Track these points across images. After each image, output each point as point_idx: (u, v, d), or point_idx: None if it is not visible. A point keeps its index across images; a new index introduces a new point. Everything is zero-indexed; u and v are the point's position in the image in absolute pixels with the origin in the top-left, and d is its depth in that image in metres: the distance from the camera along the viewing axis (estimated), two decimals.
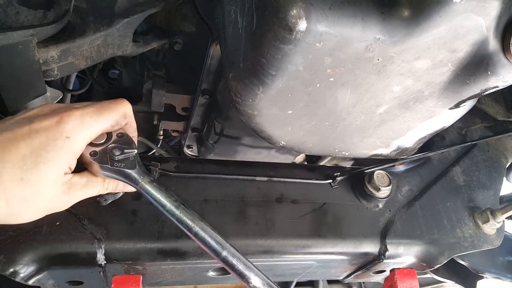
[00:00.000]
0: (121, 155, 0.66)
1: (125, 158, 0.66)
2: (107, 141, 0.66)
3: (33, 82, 0.76)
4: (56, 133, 0.56)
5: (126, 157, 0.67)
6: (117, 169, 0.66)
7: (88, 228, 0.80)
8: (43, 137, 0.55)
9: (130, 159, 0.67)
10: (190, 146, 1.61)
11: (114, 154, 0.66)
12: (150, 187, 0.69)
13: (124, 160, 0.66)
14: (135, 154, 0.68)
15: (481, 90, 0.69)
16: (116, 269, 0.84)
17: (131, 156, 0.67)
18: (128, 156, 0.67)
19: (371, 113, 0.76)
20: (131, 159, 0.67)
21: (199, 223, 0.69)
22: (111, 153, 0.66)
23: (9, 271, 0.73)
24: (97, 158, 0.65)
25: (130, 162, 0.67)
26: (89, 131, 0.60)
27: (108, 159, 0.65)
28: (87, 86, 1.39)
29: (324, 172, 1.07)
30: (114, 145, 0.66)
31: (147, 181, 0.68)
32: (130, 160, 0.67)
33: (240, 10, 0.67)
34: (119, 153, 0.66)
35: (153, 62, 1.30)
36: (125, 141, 0.68)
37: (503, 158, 1.29)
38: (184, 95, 1.36)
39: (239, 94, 0.70)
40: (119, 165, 0.66)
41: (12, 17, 0.69)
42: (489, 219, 1.07)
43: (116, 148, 0.66)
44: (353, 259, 1.01)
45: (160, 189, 0.69)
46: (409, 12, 0.57)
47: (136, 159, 0.68)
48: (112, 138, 0.67)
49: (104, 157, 0.65)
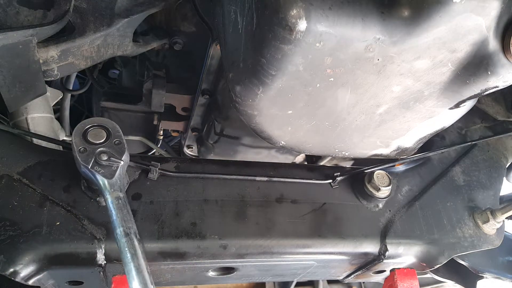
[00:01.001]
0: (106, 161, 0.66)
1: (108, 165, 0.66)
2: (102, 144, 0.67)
3: (33, 82, 0.76)
4: None
5: (110, 165, 0.66)
6: (93, 171, 0.66)
7: (88, 228, 0.80)
8: None
9: (112, 168, 0.67)
10: (190, 146, 1.61)
11: (100, 158, 0.66)
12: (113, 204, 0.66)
13: (106, 167, 0.66)
14: (120, 165, 0.67)
15: (481, 90, 0.69)
16: (116, 269, 0.84)
17: (115, 166, 0.67)
18: (112, 165, 0.67)
19: (371, 113, 0.76)
20: (113, 168, 0.67)
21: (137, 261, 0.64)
22: (98, 156, 0.66)
23: (9, 271, 0.73)
24: (83, 155, 0.65)
25: (110, 171, 0.66)
26: None
27: (91, 160, 0.65)
28: (87, 86, 1.39)
29: (324, 172, 1.06)
30: (104, 149, 0.66)
31: (114, 196, 0.66)
32: (111, 170, 0.67)
33: (240, 10, 0.67)
34: (105, 159, 0.66)
35: (153, 62, 1.30)
36: (118, 150, 0.68)
37: (503, 158, 1.29)
38: (184, 95, 1.36)
39: (239, 94, 0.70)
40: (98, 170, 0.66)
41: (12, 17, 0.69)
42: (489, 219, 1.07)
43: (105, 153, 0.66)
44: (353, 259, 1.01)
45: (122, 211, 0.66)
46: (409, 12, 0.57)
47: (119, 170, 0.67)
48: (108, 143, 0.67)
49: (90, 157, 0.65)
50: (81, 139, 0.64)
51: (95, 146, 0.66)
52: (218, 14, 0.87)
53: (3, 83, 0.72)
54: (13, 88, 0.74)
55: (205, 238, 0.87)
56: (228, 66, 0.74)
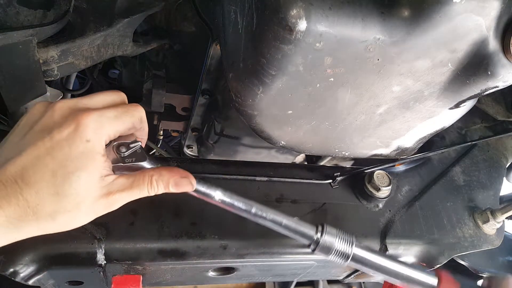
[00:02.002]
0: (128, 151, 0.66)
1: (132, 152, 0.66)
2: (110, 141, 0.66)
3: (33, 82, 0.76)
4: (76, 140, 0.56)
5: (134, 151, 0.67)
6: (130, 165, 0.66)
7: (88, 228, 0.80)
8: (65, 147, 0.55)
9: (138, 152, 0.67)
10: (190, 146, 1.61)
11: (121, 151, 0.65)
12: None
13: (133, 154, 0.66)
14: (140, 146, 0.68)
15: (481, 90, 0.69)
16: (116, 269, 0.84)
17: (138, 149, 0.67)
18: (135, 150, 0.67)
19: (371, 113, 0.76)
20: (139, 151, 0.67)
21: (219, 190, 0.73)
22: (118, 150, 0.65)
23: (9, 271, 0.73)
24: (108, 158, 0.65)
25: (139, 155, 0.67)
26: (108, 132, 0.60)
27: (117, 157, 0.65)
28: (87, 86, 1.39)
29: (324, 172, 1.06)
30: (117, 143, 0.66)
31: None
32: (139, 153, 0.67)
33: (240, 10, 0.67)
34: (126, 149, 0.66)
35: (153, 62, 1.30)
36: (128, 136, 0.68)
37: (503, 158, 1.29)
38: (184, 95, 1.36)
39: (239, 94, 0.70)
40: (130, 161, 0.66)
41: (12, 17, 0.69)
42: (489, 219, 1.07)
43: (121, 145, 0.66)
44: None
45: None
46: (409, 12, 0.57)
47: (142, 150, 0.68)
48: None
49: (113, 156, 0.65)
50: None
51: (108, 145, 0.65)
52: (218, 14, 0.87)
53: (3, 83, 0.72)
54: (13, 88, 0.74)
55: (205, 238, 0.87)
56: (228, 66, 0.74)
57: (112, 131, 0.61)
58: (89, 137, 0.56)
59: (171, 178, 0.66)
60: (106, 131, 0.59)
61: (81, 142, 0.56)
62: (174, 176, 0.67)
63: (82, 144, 0.56)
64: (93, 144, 0.57)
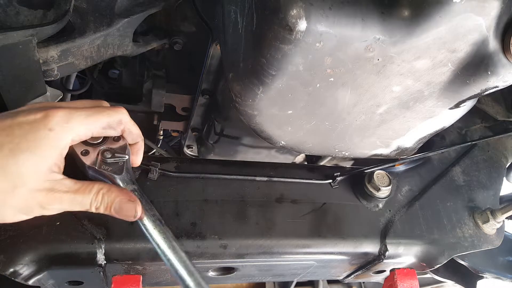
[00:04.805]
0: (111, 159, 0.66)
1: (114, 162, 0.66)
2: (102, 143, 0.66)
3: (33, 82, 0.76)
4: (39, 125, 0.55)
5: (116, 162, 0.66)
6: (102, 171, 0.65)
7: (88, 228, 0.80)
8: (24, 128, 0.54)
9: (119, 164, 0.66)
10: (190, 146, 1.61)
11: (105, 157, 0.65)
12: None
13: (113, 164, 0.66)
14: (125, 160, 0.67)
15: (481, 90, 0.69)
16: (116, 269, 0.84)
17: (121, 162, 0.67)
18: (118, 161, 0.67)
19: (371, 113, 0.76)
20: (120, 164, 0.67)
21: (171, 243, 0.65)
22: (102, 155, 0.66)
23: (9, 271, 0.73)
24: (87, 157, 0.65)
25: (118, 167, 0.66)
26: (76, 129, 0.58)
27: (97, 160, 0.65)
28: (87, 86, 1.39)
29: (324, 172, 1.06)
30: (106, 147, 0.66)
31: (130, 189, 0.66)
32: (119, 166, 0.66)
33: (240, 10, 0.67)
34: (110, 156, 0.66)
35: (153, 62, 1.30)
36: (120, 146, 0.68)
37: (503, 158, 1.29)
38: (184, 95, 1.36)
39: (239, 94, 0.70)
40: (106, 168, 0.65)
41: (12, 17, 0.69)
42: (489, 219, 1.07)
43: (108, 151, 0.66)
44: (353, 259, 1.01)
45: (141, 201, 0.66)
46: (409, 12, 0.57)
47: (125, 165, 0.67)
48: (108, 141, 0.67)
49: (95, 158, 0.65)
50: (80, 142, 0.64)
51: (95, 146, 0.66)
52: (218, 14, 0.87)
53: (3, 83, 0.72)
54: (13, 88, 0.74)
55: (205, 238, 0.87)
56: (228, 66, 0.74)
57: (81, 129, 0.59)
58: (52, 127, 0.55)
59: (117, 198, 0.62)
60: (73, 126, 0.58)
61: (43, 129, 0.55)
62: (121, 197, 0.62)
63: (43, 131, 0.55)
64: (55, 135, 0.56)
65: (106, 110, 0.63)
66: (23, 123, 0.54)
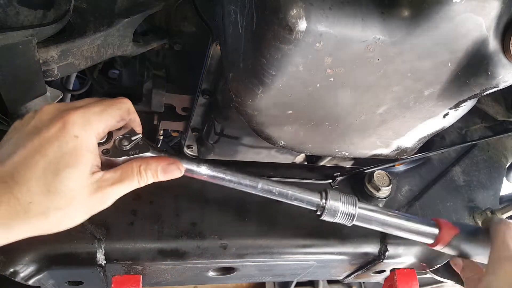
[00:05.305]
0: (130, 144, 0.66)
1: (135, 144, 0.67)
2: (111, 137, 0.67)
3: (33, 82, 0.76)
4: (65, 136, 0.56)
5: (136, 143, 0.67)
6: (134, 157, 0.66)
7: (88, 228, 0.80)
8: (54, 144, 0.55)
9: (140, 144, 0.67)
10: (190, 146, 1.61)
11: (124, 145, 0.66)
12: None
13: (136, 147, 0.67)
14: (141, 138, 0.68)
15: (481, 90, 0.69)
16: (116, 269, 0.84)
17: (140, 141, 0.68)
18: (137, 142, 0.67)
19: (371, 113, 0.76)
20: (141, 143, 0.68)
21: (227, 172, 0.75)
22: (121, 145, 0.66)
23: (9, 271, 0.74)
24: (111, 154, 0.65)
25: (142, 146, 0.67)
26: (96, 128, 0.60)
27: (120, 151, 0.66)
28: (87, 86, 1.39)
29: (324, 172, 1.07)
30: (119, 137, 0.67)
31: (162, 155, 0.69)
32: (141, 145, 0.68)
33: (240, 10, 0.67)
34: (128, 142, 0.66)
35: (153, 62, 1.30)
36: (126, 131, 0.68)
37: (503, 158, 1.29)
38: (184, 95, 1.36)
39: (239, 94, 0.70)
40: (134, 153, 0.66)
41: (12, 17, 0.69)
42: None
43: (123, 138, 0.67)
44: (353, 259, 1.01)
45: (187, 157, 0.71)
46: (409, 12, 0.57)
47: (144, 141, 0.69)
48: (113, 132, 0.68)
49: (116, 151, 0.66)
50: None
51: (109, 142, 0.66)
52: (218, 14, 0.87)
53: (3, 83, 0.72)
54: (13, 88, 0.74)
55: (205, 238, 0.87)
56: (228, 66, 0.74)
57: (100, 126, 0.61)
58: (76, 133, 0.57)
59: (159, 166, 0.67)
60: (94, 126, 0.59)
61: (70, 139, 0.56)
62: (161, 163, 0.67)
63: (71, 141, 0.56)
64: (82, 140, 0.57)
65: (115, 104, 0.64)
66: (49, 138, 0.56)
